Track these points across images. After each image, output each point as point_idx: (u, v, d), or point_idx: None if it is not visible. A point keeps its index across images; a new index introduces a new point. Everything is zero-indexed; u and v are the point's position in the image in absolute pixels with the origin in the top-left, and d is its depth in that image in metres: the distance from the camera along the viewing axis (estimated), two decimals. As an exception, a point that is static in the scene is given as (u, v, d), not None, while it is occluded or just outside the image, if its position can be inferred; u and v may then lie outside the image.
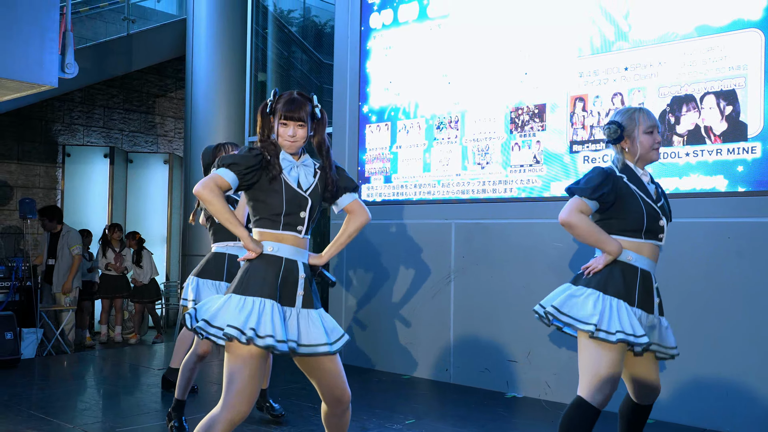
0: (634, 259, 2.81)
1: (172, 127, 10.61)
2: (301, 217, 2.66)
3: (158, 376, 5.77)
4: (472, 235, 5.43)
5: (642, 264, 2.82)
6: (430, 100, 5.75)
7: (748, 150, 4.16)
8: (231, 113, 7.89)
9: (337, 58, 6.48)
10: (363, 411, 4.58)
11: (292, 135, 2.64)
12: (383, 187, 6.03)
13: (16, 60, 5.05)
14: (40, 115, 9.22)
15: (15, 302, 6.78)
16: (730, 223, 4.25)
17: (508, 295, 5.18)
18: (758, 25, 4.15)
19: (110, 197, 9.30)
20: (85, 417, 4.48)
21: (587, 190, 2.80)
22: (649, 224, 2.81)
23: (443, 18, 5.69)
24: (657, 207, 2.84)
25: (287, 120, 2.64)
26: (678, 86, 4.45)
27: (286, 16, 8.74)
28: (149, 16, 9.83)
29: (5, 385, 5.30)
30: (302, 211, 2.67)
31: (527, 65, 5.18)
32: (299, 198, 2.66)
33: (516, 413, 4.67)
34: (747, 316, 4.14)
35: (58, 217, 7.62)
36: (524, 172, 5.15)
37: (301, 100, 2.66)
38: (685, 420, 4.32)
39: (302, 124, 2.65)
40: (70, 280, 7.51)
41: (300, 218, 2.66)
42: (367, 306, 6.05)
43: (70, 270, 7.52)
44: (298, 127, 2.65)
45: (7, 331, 6.00)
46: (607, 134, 2.90)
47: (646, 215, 2.80)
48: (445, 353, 5.54)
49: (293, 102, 2.65)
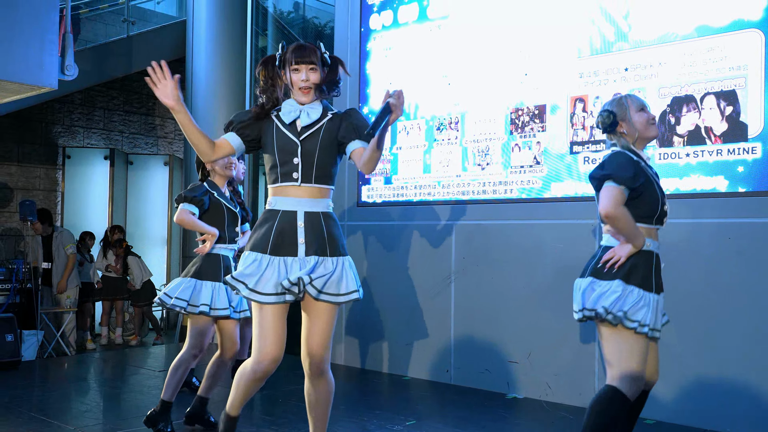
0: (650, 246, 2.80)
1: (173, 128, 10.61)
2: (294, 163, 2.63)
3: (159, 377, 5.77)
4: (473, 236, 5.43)
5: (654, 248, 2.83)
6: (430, 101, 5.75)
7: (749, 150, 4.16)
8: (231, 114, 7.87)
9: (337, 59, 6.47)
10: (363, 412, 4.58)
11: (305, 79, 2.66)
12: (383, 189, 6.03)
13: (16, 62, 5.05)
14: (40, 117, 9.22)
15: (15, 304, 6.78)
16: (730, 224, 4.24)
17: (508, 296, 5.18)
18: (758, 25, 4.15)
19: (110, 199, 9.31)
20: (86, 419, 4.47)
21: (627, 179, 2.71)
22: (661, 210, 2.83)
23: (443, 19, 5.69)
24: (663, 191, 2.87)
25: (298, 64, 2.66)
26: (678, 87, 4.45)
27: (286, 17, 8.75)
28: (149, 18, 9.84)
29: (6, 387, 5.30)
30: (294, 157, 2.64)
31: (527, 66, 5.18)
32: (290, 143, 2.65)
33: (517, 414, 4.66)
34: (747, 316, 4.14)
35: (48, 220, 7.65)
36: (524, 173, 5.15)
37: (309, 46, 2.70)
38: (685, 420, 4.31)
39: (314, 68, 2.67)
40: (65, 279, 7.52)
41: (294, 165, 2.64)
42: (367, 307, 6.05)
43: (65, 269, 7.54)
44: (310, 71, 2.66)
45: (8, 333, 6.00)
46: (601, 123, 2.89)
47: (660, 201, 2.82)
48: (446, 354, 5.54)
49: (302, 47, 2.69)
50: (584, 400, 4.72)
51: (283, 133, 2.67)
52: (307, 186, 2.65)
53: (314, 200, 2.66)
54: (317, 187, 2.66)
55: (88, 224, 8.98)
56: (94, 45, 8.73)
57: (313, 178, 2.64)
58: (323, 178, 2.67)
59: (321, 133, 2.66)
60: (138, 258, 8.64)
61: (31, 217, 7.72)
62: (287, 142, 2.65)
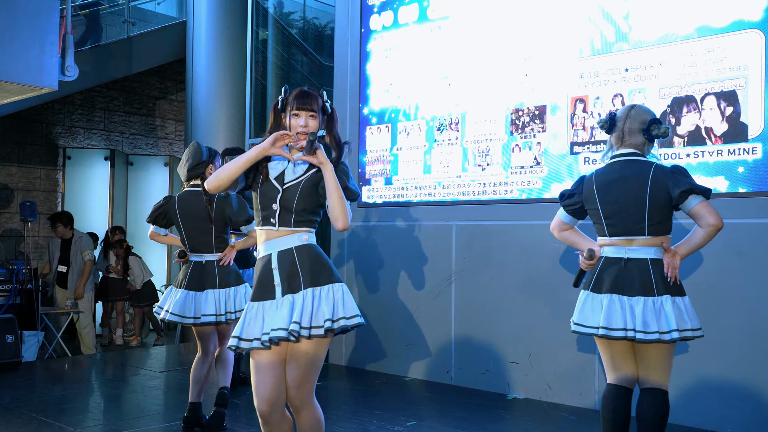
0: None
1: (173, 129, 10.62)
2: (273, 209, 2.65)
3: (159, 378, 5.78)
4: (473, 236, 5.43)
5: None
6: (430, 102, 5.75)
7: (749, 151, 4.16)
8: (231, 115, 7.89)
9: (338, 60, 6.48)
10: (364, 413, 4.58)
11: (304, 125, 2.67)
12: (384, 189, 6.03)
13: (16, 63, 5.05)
14: (41, 117, 9.23)
15: (16, 305, 6.79)
16: (730, 224, 4.23)
17: (509, 297, 5.17)
18: (758, 25, 4.15)
19: (111, 200, 9.31)
20: (87, 420, 4.47)
21: (708, 191, 2.95)
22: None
23: (443, 20, 5.69)
24: None
25: (299, 110, 2.68)
26: (678, 87, 4.45)
27: (286, 18, 8.75)
28: (149, 19, 9.84)
29: (6, 388, 5.30)
30: (273, 203, 2.66)
31: (527, 67, 5.18)
32: (272, 190, 2.67)
33: (517, 415, 4.66)
34: (748, 316, 4.14)
35: (71, 224, 7.66)
36: (525, 174, 5.14)
37: (312, 93, 2.72)
38: (685, 420, 4.31)
39: (313, 115, 2.69)
40: (82, 285, 7.52)
41: (272, 210, 2.66)
42: (367, 307, 6.05)
43: (82, 275, 7.54)
44: (310, 118, 2.69)
45: (8, 334, 6.00)
46: (662, 135, 3.01)
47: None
48: (446, 355, 5.54)
49: (304, 94, 2.71)
50: (585, 401, 4.72)
51: (267, 180, 2.70)
52: (284, 229, 2.67)
53: (287, 238, 2.66)
54: (294, 229, 2.67)
55: (88, 225, 8.98)
56: (95, 46, 8.73)
57: (292, 222, 2.66)
58: (302, 223, 2.67)
59: (302, 183, 2.67)
60: (139, 258, 8.64)
61: (32, 218, 7.72)
62: (270, 188, 2.69)
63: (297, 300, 2.59)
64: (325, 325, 2.55)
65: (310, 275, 2.62)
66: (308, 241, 2.68)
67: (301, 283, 2.61)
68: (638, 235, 2.93)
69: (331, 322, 2.55)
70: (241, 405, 4.78)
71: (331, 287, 2.62)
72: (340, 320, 2.58)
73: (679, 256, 2.91)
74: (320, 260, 2.66)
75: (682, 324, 2.87)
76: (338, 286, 2.63)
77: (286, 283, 2.62)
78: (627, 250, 2.94)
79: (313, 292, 2.60)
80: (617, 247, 2.97)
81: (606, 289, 2.92)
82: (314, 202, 2.69)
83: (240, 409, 4.68)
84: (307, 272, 2.62)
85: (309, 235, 2.69)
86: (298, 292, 2.60)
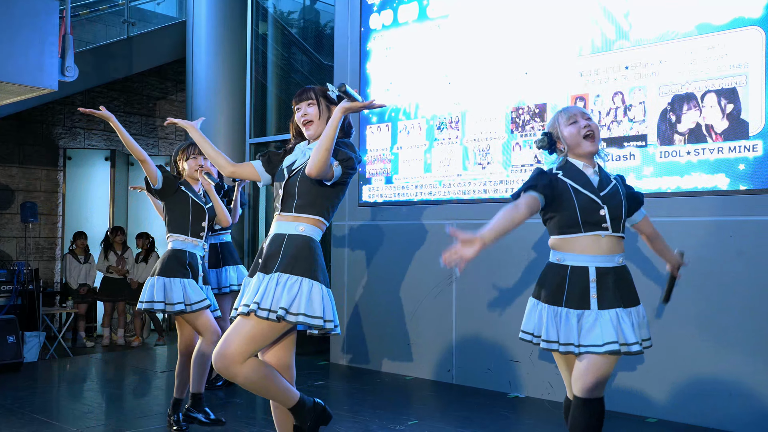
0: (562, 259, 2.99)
1: (173, 129, 10.61)
2: (279, 193, 2.81)
3: (161, 378, 5.78)
4: (474, 235, 5.41)
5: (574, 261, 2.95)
6: (430, 101, 5.74)
7: (750, 148, 4.15)
8: (232, 115, 7.89)
9: (338, 59, 6.48)
10: (365, 412, 4.58)
11: (303, 114, 2.84)
12: (384, 188, 6.03)
13: (16, 63, 5.06)
14: (41, 118, 9.23)
15: (17, 306, 6.79)
16: (731, 222, 4.24)
17: (510, 295, 5.17)
18: (759, 22, 4.14)
19: (112, 200, 9.31)
20: (88, 420, 4.47)
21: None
22: (585, 216, 2.79)
23: (443, 18, 5.69)
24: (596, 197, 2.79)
25: (299, 104, 2.85)
26: (679, 85, 4.44)
27: (286, 17, 8.74)
28: (149, 19, 9.83)
29: (8, 389, 5.30)
30: (279, 188, 2.81)
31: (527, 65, 5.17)
32: (280, 176, 2.84)
33: (519, 414, 4.66)
34: (748, 314, 4.13)
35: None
36: (525, 172, 5.14)
37: (308, 87, 2.89)
38: (686, 419, 4.31)
39: (311, 102, 2.83)
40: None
41: (278, 195, 2.82)
42: (368, 307, 6.05)
43: None
44: (307, 106, 2.83)
45: (10, 335, 6.00)
46: (540, 146, 2.92)
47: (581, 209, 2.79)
48: (448, 354, 5.54)
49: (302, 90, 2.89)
50: (586, 399, 4.71)
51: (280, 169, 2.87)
52: (286, 214, 2.77)
53: (287, 223, 2.76)
54: (296, 215, 2.75)
55: (89, 226, 8.98)
56: (94, 46, 8.73)
57: (294, 207, 2.75)
58: (304, 208, 2.74)
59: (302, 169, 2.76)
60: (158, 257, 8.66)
61: (33, 219, 7.71)
62: (279, 175, 2.85)
63: (263, 280, 2.67)
64: (278, 312, 2.58)
65: (287, 261, 2.67)
66: (305, 233, 2.74)
67: (276, 266, 2.67)
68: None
69: (285, 312, 2.58)
70: (241, 405, 4.78)
71: (301, 280, 2.64)
72: (300, 315, 2.60)
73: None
74: (305, 252, 2.70)
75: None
76: (311, 282, 2.65)
77: (265, 262, 2.72)
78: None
79: (278, 278, 2.64)
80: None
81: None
82: (316, 189, 2.73)
83: (240, 409, 4.68)
84: (286, 258, 2.67)
85: (310, 228, 2.75)
86: (270, 273, 2.68)
